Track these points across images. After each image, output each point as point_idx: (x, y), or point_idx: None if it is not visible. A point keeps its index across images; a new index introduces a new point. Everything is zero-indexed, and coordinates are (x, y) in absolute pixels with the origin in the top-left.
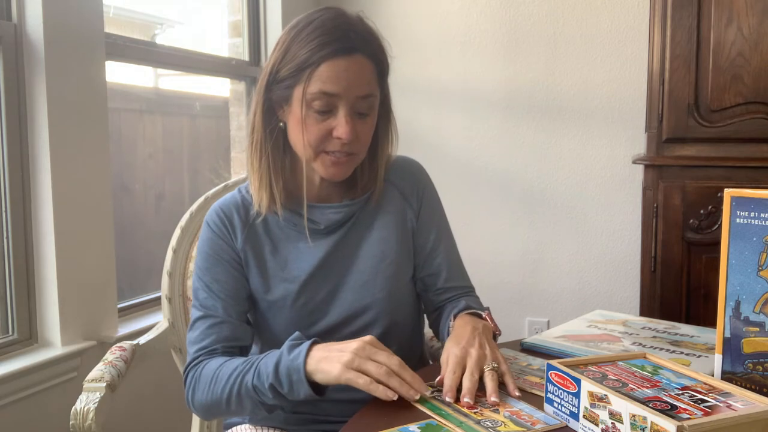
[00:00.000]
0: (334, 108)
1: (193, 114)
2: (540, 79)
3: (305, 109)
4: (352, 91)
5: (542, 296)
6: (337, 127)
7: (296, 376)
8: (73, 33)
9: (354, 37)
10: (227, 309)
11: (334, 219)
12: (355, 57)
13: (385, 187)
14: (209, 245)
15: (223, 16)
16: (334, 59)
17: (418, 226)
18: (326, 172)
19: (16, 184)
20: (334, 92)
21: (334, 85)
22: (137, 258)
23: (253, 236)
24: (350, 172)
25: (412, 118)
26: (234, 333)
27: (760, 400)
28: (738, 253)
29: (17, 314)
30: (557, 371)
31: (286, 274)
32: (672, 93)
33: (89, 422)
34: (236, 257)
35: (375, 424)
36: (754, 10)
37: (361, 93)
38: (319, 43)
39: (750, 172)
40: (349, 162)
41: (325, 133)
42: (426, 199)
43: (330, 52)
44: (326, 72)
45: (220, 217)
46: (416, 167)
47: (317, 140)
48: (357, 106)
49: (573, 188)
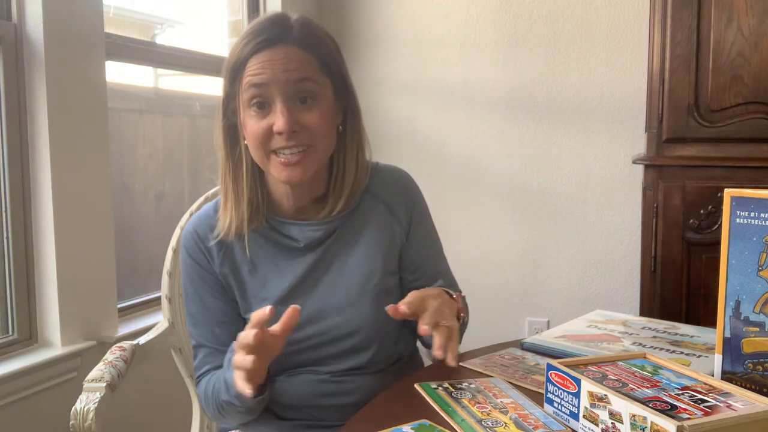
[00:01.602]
0: (270, 102)
1: (193, 114)
2: (540, 80)
3: (245, 110)
4: (279, 76)
5: (542, 296)
6: (275, 121)
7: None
8: (73, 33)
9: (277, 30)
10: (217, 336)
11: (314, 236)
12: (279, 47)
13: (370, 200)
14: (192, 270)
15: (223, 16)
16: (258, 53)
17: (408, 242)
18: (280, 175)
19: (16, 184)
20: (261, 82)
21: (260, 76)
22: (137, 258)
23: (230, 256)
24: (309, 172)
25: (412, 118)
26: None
27: (760, 400)
28: (738, 253)
29: (17, 314)
30: (557, 371)
31: (265, 294)
32: (672, 93)
33: (89, 422)
34: (217, 281)
35: (372, 425)
36: (754, 10)
37: (291, 77)
38: (245, 41)
39: (750, 172)
40: (304, 160)
41: (266, 131)
42: (416, 214)
43: (253, 47)
44: (252, 66)
45: (195, 241)
46: (404, 179)
47: (261, 139)
48: (292, 92)
49: (573, 188)
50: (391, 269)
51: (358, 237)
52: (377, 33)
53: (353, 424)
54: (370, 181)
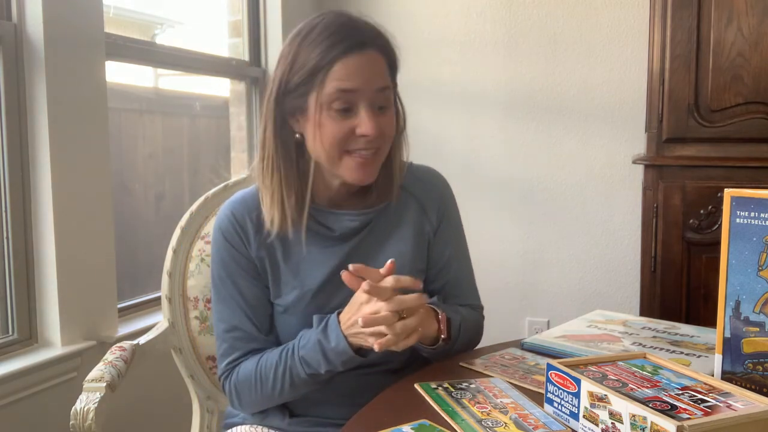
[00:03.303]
0: (354, 106)
1: (193, 114)
2: (540, 79)
3: (324, 111)
4: (369, 84)
5: (542, 296)
6: (360, 125)
7: (346, 356)
8: (73, 33)
9: (362, 33)
10: (252, 320)
11: (349, 226)
12: (367, 52)
13: (405, 196)
14: (226, 253)
15: (223, 16)
16: (346, 56)
17: (435, 241)
18: (352, 175)
19: (16, 184)
20: (352, 88)
21: (351, 82)
22: (137, 258)
23: (266, 241)
24: (377, 173)
25: (412, 118)
26: (262, 344)
27: (760, 400)
28: (738, 253)
29: (17, 314)
30: (557, 371)
31: (298, 281)
32: (672, 93)
33: (89, 422)
34: (253, 265)
35: (372, 425)
36: (754, 10)
37: (379, 85)
38: (329, 44)
39: (750, 172)
40: (375, 160)
41: (348, 132)
42: (447, 216)
43: (342, 50)
44: (341, 70)
45: (232, 224)
46: (441, 181)
47: (340, 141)
48: (376, 100)
49: (573, 188)
50: (420, 267)
51: (391, 232)
52: None
53: (353, 424)
54: (406, 179)
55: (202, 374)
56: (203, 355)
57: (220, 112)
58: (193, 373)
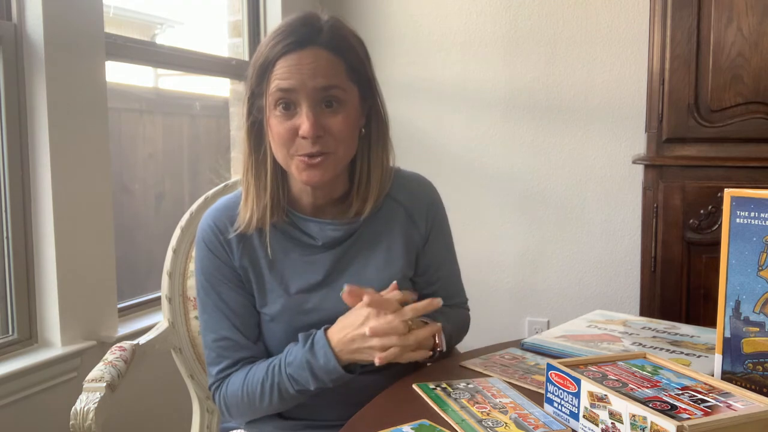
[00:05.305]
0: (296, 105)
1: (193, 114)
2: (540, 79)
3: (271, 112)
4: (307, 83)
5: (542, 296)
6: (300, 125)
7: (335, 374)
8: (73, 33)
9: (307, 32)
10: (239, 329)
11: (332, 236)
12: (308, 50)
13: (391, 205)
14: (209, 263)
15: (223, 16)
16: (286, 55)
17: (425, 251)
18: (301, 176)
19: (16, 184)
20: (290, 87)
21: (287, 81)
22: (137, 258)
23: (250, 249)
24: (328, 175)
25: (412, 118)
26: (250, 352)
27: (760, 400)
28: (738, 253)
29: (17, 314)
30: (557, 371)
31: (284, 289)
32: (672, 93)
33: (89, 422)
34: (236, 274)
35: (372, 425)
36: (754, 10)
37: (319, 84)
38: (273, 43)
39: (750, 172)
40: (324, 163)
41: (291, 133)
42: (436, 224)
43: (281, 49)
44: (280, 69)
45: (214, 233)
46: (429, 188)
47: (285, 142)
48: (319, 98)
49: (573, 188)
50: (409, 275)
51: (378, 242)
52: (377, 33)
53: (353, 424)
54: (392, 187)
55: (202, 374)
56: (203, 355)
57: (220, 112)
58: (193, 373)
